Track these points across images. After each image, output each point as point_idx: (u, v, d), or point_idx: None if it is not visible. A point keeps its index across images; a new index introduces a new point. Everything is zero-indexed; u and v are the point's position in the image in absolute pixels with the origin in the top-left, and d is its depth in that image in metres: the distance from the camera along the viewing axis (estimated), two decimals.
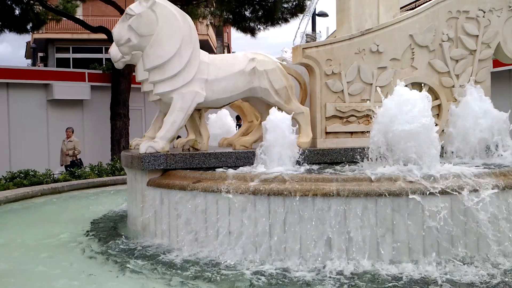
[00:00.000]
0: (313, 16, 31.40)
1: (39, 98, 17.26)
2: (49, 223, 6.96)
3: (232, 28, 20.83)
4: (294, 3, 16.95)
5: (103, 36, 17.05)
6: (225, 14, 17.45)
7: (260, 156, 5.43)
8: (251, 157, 5.71)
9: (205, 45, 24.46)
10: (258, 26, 17.43)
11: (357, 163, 5.61)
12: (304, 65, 6.50)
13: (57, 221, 7.09)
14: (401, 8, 9.61)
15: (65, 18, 18.15)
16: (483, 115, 5.93)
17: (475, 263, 4.42)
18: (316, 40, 28.96)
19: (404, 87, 5.19)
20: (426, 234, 4.46)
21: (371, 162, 5.22)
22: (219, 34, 35.62)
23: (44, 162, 15.18)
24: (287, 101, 6.26)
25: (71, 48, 27.46)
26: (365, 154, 5.30)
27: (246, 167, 5.51)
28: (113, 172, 11.52)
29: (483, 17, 6.77)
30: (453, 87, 6.76)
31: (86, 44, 26.77)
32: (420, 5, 8.15)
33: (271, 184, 4.73)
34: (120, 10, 15.42)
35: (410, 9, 10.96)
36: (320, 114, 6.40)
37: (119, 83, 16.32)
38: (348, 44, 6.44)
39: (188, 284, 4.16)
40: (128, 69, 14.74)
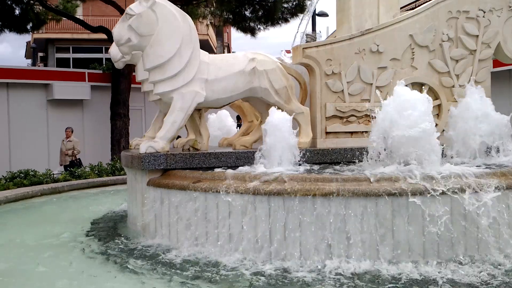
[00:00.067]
0: (313, 16, 31.39)
1: (39, 98, 17.27)
2: (49, 223, 6.96)
3: (232, 28, 20.85)
4: (294, 3, 16.95)
5: (103, 36, 17.06)
6: (225, 14, 17.45)
7: (259, 158, 5.43)
8: (251, 157, 5.71)
9: (205, 45, 24.43)
10: (258, 26, 17.43)
11: (356, 163, 5.61)
12: (304, 65, 6.50)
13: (57, 221, 7.09)
14: (401, 8, 9.61)
15: (65, 18, 18.17)
16: (483, 119, 5.83)
17: (476, 263, 4.41)
18: (316, 40, 28.95)
19: (404, 88, 5.16)
20: (426, 234, 4.45)
21: (371, 163, 5.22)
22: (219, 34, 35.63)
23: (44, 162, 15.18)
24: (287, 101, 6.26)
25: (71, 48, 27.47)
26: (365, 154, 5.30)
27: (246, 167, 5.51)
28: (113, 172, 11.52)
29: (483, 17, 6.76)
30: (453, 87, 6.76)
31: (86, 44, 26.78)
32: (420, 5, 8.15)
33: (271, 184, 4.73)
34: (120, 10, 15.42)
35: (410, 9, 10.96)
36: (320, 114, 6.40)
37: (119, 83, 16.32)
38: (348, 44, 6.44)
39: (188, 284, 4.16)
40: (128, 69, 14.75)
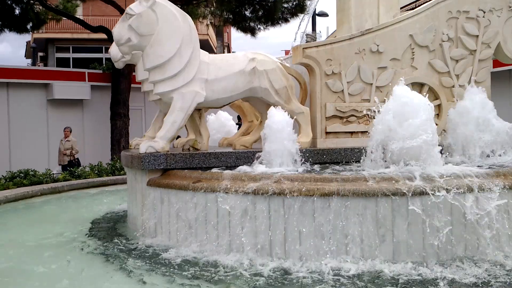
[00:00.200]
0: (313, 16, 31.40)
1: (39, 97, 17.28)
2: (49, 223, 6.96)
3: (232, 28, 20.84)
4: (294, 3, 16.95)
5: (103, 35, 17.05)
6: (225, 14, 17.45)
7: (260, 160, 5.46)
8: (251, 157, 5.72)
9: (205, 45, 24.45)
10: (258, 26, 17.43)
11: (357, 162, 5.61)
12: (304, 65, 6.50)
13: (57, 221, 7.09)
14: (401, 8, 9.61)
15: (65, 18, 18.17)
16: (485, 127, 5.75)
17: (477, 263, 4.41)
18: (316, 40, 28.96)
19: (404, 92, 5.11)
20: (426, 233, 4.45)
21: (371, 164, 5.21)
22: (219, 34, 35.63)
23: (44, 161, 15.19)
24: (287, 101, 6.26)
25: (71, 47, 27.47)
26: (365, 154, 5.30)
27: (246, 166, 5.50)
28: (113, 172, 11.53)
29: (483, 17, 6.77)
30: (453, 87, 6.76)
31: (86, 44, 26.78)
32: (420, 5, 8.15)
33: (270, 184, 4.72)
34: (120, 9, 15.42)
35: (410, 9, 10.96)
36: (320, 114, 6.40)
37: (119, 83, 16.32)
38: (348, 44, 6.44)
39: (188, 284, 4.16)
40: (128, 68, 14.75)
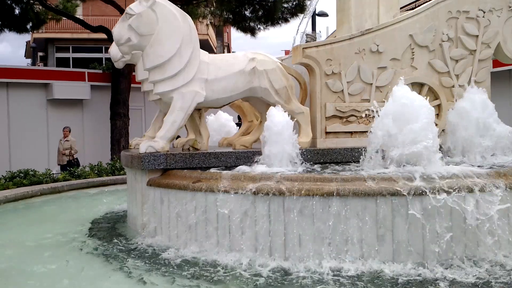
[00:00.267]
0: (313, 16, 31.41)
1: (39, 97, 17.28)
2: (49, 223, 6.96)
3: (232, 28, 20.85)
4: (294, 3, 16.95)
5: (103, 35, 17.05)
6: (225, 13, 17.45)
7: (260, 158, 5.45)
8: (251, 156, 5.72)
9: (205, 45, 24.46)
10: (258, 26, 17.43)
11: (356, 162, 5.61)
12: (304, 65, 6.50)
13: (57, 221, 7.09)
14: (401, 8, 9.61)
15: (65, 18, 18.16)
16: (485, 131, 5.73)
17: (478, 263, 4.41)
18: (316, 40, 28.97)
19: (404, 93, 5.09)
20: (426, 233, 4.45)
21: (370, 165, 5.21)
22: (219, 34, 35.63)
23: (44, 161, 15.18)
24: (287, 101, 6.26)
25: (71, 47, 27.46)
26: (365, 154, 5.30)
27: (246, 166, 5.50)
28: (113, 172, 11.53)
29: (483, 17, 6.77)
30: (453, 87, 6.76)
31: (86, 44, 26.78)
32: (420, 5, 8.15)
33: (270, 184, 4.72)
34: (120, 9, 15.42)
35: (410, 9, 10.96)
36: (320, 114, 6.40)
37: (119, 83, 16.32)
38: (348, 44, 6.44)
39: (187, 284, 4.16)
40: (128, 68, 14.74)
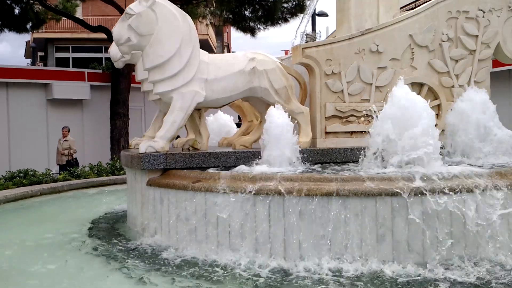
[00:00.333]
0: (313, 16, 31.43)
1: (38, 97, 17.27)
2: (49, 223, 6.95)
3: (232, 27, 20.85)
4: (294, 3, 16.95)
5: (102, 35, 17.05)
6: (225, 13, 17.45)
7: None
8: (251, 156, 5.72)
9: (204, 45, 24.44)
10: (258, 26, 17.43)
11: (356, 162, 5.60)
12: (304, 65, 6.50)
13: (57, 221, 7.09)
14: (401, 8, 9.61)
15: (64, 18, 18.16)
16: (486, 135, 5.69)
17: (478, 263, 4.40)
18: (316, 40, 28.97)
19: (404, 95, 5.08)
20: (426, 233, 4.45)
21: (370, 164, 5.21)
22: (219, 34, 35.61)
23: (43, 161, 15.18)
24: (287, 100, 6.26)
25: (70, 47, 27.45)
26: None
27: (246, 166, 5.50)
28: (112, 172, 11.53)
29: (483, 17, 6.77)
30: (453, 87, 6.76)
31: (85, 44, 26.77)
32: (420, 5, 8.15)
33: (270, 184, 4.72)
34: (120, 9, 15.42)
35: (410, 9, 10.96)
36: (320, 114, 6.40)
37: (119, 83, 16.32)
38: (348, 44, 6.44)
39: (187, 284, 4.16)
40: (127, 68, 14.73)
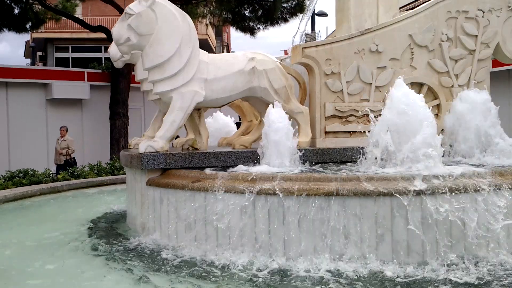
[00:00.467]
0: (313, 16, 31.45)
1: (38, 97, 17.25)
2: (48, 223, 6.95)
3: (231, 27, 20.83)
4: (293, 3, 16.95)
5: (102, 35, 17.04)
6: (224, 13, 17.45)
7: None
8: (251, 156, 5.72)
9: (204, 45, 24.44)
10: (258, 26, 17.43)
11: (356, 162, 5.61)
12: (304, 65, 6.50)
13: (56, 221, 7.09)
14: (400, 8, 9.61)
15: (64, 17, 18.14)
16: (487, 144, 5.69)
17: (479, 263, 4.41)
18: (315, 39, 28.99)
19: (403, 99, 5.09)
20: (426, 233, 4.45)
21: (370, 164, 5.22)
22: (218, 34, 35.61)
23: (43, 161, 15.18)
24: (286, 100, 6.26)
25: (70, 47, 27.42)
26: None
27: (245, 166, 5.50)
28: (112, 172, 11.53)
29: (482, 17, 6.77)
30: (452, 87, 6.77)
31: (85, 44, 26.74)
32: (419, 5, 8.16)
33: (269, 184, 4.72)
34: (119, 9, 15.42)
35: (410, 9, 10.97)
36: (319, 114, 6.40)
37: (119, 83, 16.31)
38: (348, 44, 6.45)
39: (186, 284, 4.16)
40: (127, 68, 14.74)
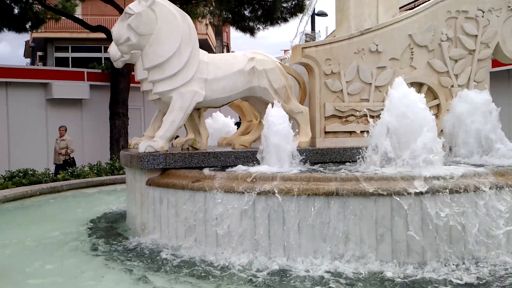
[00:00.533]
0: (313, 16, 31.45)
1: (38, 97, 17.25)
2: (48, 222, 6.96)
3: (231, 27, 20.84)
4: (293, 3, 16.95)
5: (102, 35, 17.03)
6: (224, 13, 17.45)
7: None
8: (251, 156, 5.72)
9: (204, 45, 24.45)
10: (258, 26, 17.43)
11: (355, 162, 5.61)
12: (304, 65, 6.50)
13: (56, 220, 7.09)
14: (400, 8, 9.62)
15: (64, 17, 18.14)
16: (488, 148, 5.69)
17: (479, 263, 4.41)
18: (315, 39, 28.99)
19: (402, 100, 5.07)
20: (426, 233, 4.45)
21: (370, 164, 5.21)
22: (218, 34, 35.61)
23: (43, 161, 15.17)
24: (286, 100, 6.26)
25: (70, 47, 27.42)
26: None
27: (244, 166, 5.50)
28: (112, 172, 11.53)
29: (482, 17, 6.78)
30: (452, 86, 6.77)
31: (85, 43, 26.73)
32: (419, 5, 8.16)
33: (269, 184, 4.72)
34: (119, 9, 15.42)
35: (409, 9, 10.97)
36: (319, 114, 6.41)
37: (118, 82, 16.30)
38: (348, 44, 6.45)
39: (186, 284, 4.16)
40: (127, 68, 14.74)
